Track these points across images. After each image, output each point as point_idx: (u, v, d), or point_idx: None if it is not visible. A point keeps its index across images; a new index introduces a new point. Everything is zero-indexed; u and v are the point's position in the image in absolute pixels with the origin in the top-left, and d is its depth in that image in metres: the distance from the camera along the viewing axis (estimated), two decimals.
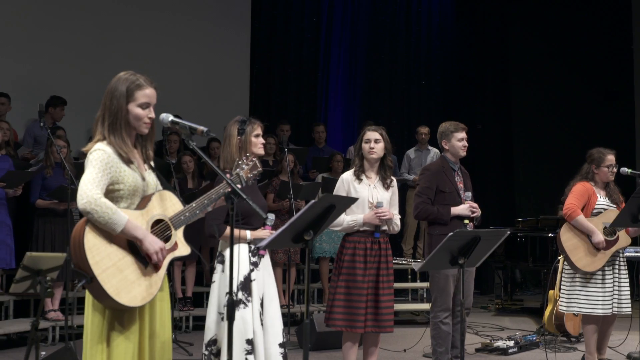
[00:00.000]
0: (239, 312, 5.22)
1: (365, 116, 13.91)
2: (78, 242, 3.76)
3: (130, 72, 4.12)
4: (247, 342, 5.22)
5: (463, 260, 5.37)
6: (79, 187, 3.83)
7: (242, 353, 5.21)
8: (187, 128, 4.05)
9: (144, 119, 4.04)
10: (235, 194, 3.93)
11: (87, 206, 3.76)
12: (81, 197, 3.79)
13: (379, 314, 6.28)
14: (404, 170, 11.93)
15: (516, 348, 8.68)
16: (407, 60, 15.35)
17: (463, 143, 7.12)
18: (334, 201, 4.33)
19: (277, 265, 10.47)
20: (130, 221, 3.85)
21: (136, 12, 12.40)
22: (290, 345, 8.91)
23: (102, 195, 3.81)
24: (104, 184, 3.87)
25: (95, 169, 3.87)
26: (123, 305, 3.79)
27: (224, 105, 12.66)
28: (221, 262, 5.42)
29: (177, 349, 8.61)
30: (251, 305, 5.29)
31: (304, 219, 4.29)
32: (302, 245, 4.45)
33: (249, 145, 5.53)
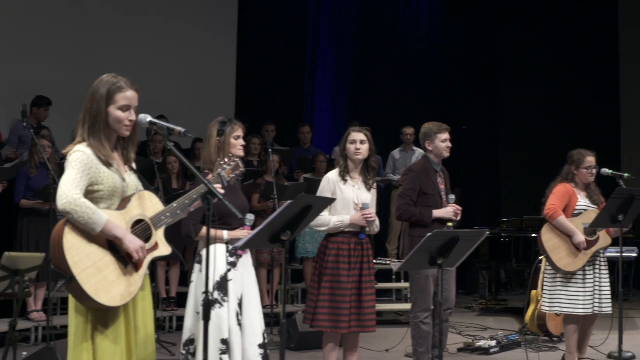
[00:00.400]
0: (214, 311, 5.23)
1: (352, 117, 13.92)
2: (57, 242, 3.78)
3: (112, 75, 4.14)
4: (221, 341, 5.24)
5: (442, 261, 5.40)
6: (58, 188, 3.85)
7: (217, 353, 5.23)
8: (164, 129, 4.07)
9: (124, 121, 4.06)
10: (211, 194, 3.95)
11: (66, 206, 3.79)
12: (60, 197, 3.81)
13: (361, 313, 6.32)
14: (389, 170, 11.96)
15: (498, 348, 8.72)
16: (394, 61, 15.38)
17: (446, 144, 7.14)
18: (310, 201, 4.35)
19: (262, 265, 10.49)
20: (109, 221, 3.87)
21: (122, 14, 12.39)
22: (273, 345, 8.94)
23: (82, 196, 3.84)
24: (84, 184, 3.89)
25: (75, 169, 3.90)
26: (102, 305, 3.81)
27: (210, 105, 12.64)
28: (199, 262, 5.43)
29: (159, 349, 8.60)
30: (227, 305, 5.30)
31: (280, 219, 4.31)
32: (279, 245, 4.47)
33: (227, 147, 5.55)
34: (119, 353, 3.93)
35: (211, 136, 5.61)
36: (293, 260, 11.36)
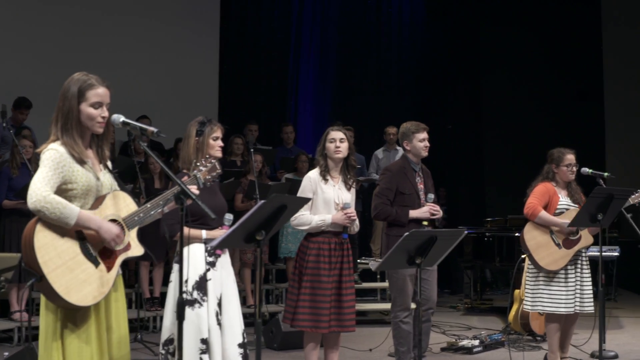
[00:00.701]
0: (194, 311, 5.22)
1: (336, 117, 13.91)
2: (28, 241, 3.77)
3: (83, 73, 4.13)
4: (201, 341, 5.22)
5: (420, 260, 5.39)
6: (29, 187, 3.83)
7: (197, 352, 5.21)
8: (137, 129, 4.05)
9: (97, 118, 4.04)
10: (185, 194, 3.94)
11: (37, 204, 3.78)
12: (30, 196, 3.81)
13: (341, 313, 6.33)
14: (372, 170, 11.95)
15: (481, 347, 8.72)
16: (378, 61, 15.41)
17: (424, 143, 7.13)
18: (285, 201, 4.33)
19: (246, 265, 10.50)
20: (82, 212, 3.87)
21: (103, 14, 12.36)
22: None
23: (52, 193, 3.82)
24: (55, 182, 3.88)
25: (47, 168, 3.89)
26: (73, 305, 3.80)
27: (193, 105, 12.61)
28: (178, 261, 5.40)
29: (142, 349, 8.60)
30: (206, 304, 5.28)
31: (254, 219, 4.30)
32: (254, 245, 4.45)
33: (206, 147, 5.52)
34: (88, 353, 3.90)
35: (190, 136, 5.58)
36: (277, 260, 11.36)
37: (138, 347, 8.69)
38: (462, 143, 15.40)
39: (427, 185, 7.21)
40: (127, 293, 10.36)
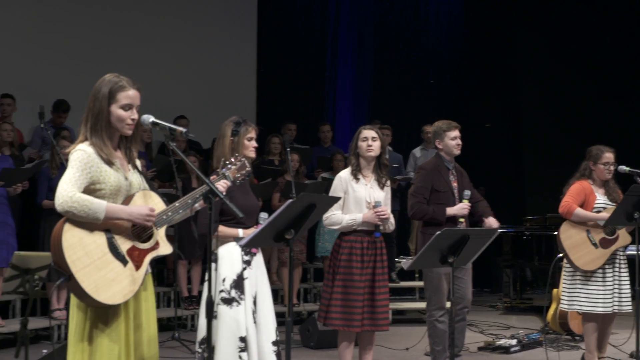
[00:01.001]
0: (232, 309, 5.25)
1: (374, 115, 13.92)
2: (57, 241, 3.82)
3: (114, 74, 4.15)
4: (240, 339, 5.24)
5: (453, 259, 5.38)
6: (57, 188, 3.87)
7: (236, 350, 5.24)
8: (167, 129, 4.08)
9: (127, 120, 4.07)
10: (213, 193, 3.96)
11: (64, 205, 3.82)
12: (58, 198, 3.85)
13: (375, 312, 6.34)
14: (410, 169, 11.89)
15: (519, 347, 8.66)
16: (415, 59, 15.35)
17: (456, 142, 7.10)
18: (314, 200, 4.34)
19: (284, 264, 10.54)
20: (110, 205, 3.90)
21: (141, 16, 12.46)
22: (293, 343, 8.97)
23: (78, 192, 3.85)
24: (82, 183, 3.91)
25: (74, 169, 3.93)
26: (102, 303, 3.83)
27: (232, 106, 12.65)
28: (214, 260, 5.44)
29: (180, 347, 8.68)
30: (244, 303, 5.31)
31: (283, 218, 4.31)
32: (284, 244, 4.47)
33: (241, 148, 5.56)
34: (116, 352, 3.93)
35: (225, 136, 5.61)
36: (315, 259, 11.38)
37: (175, 345, 8.77)
38: (501, 141, 15.29)
39: (461, 184, 7.18)
40: (166, 292, 10.51)
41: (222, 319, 5.24)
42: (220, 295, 5.26)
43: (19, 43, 11.07)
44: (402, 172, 11.64)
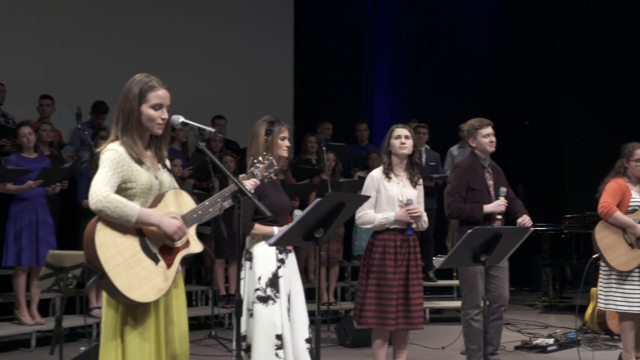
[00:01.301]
0: (268, 307, 5.28)
1: (411, 114, 13.89)
2: (90, 240, 3.86)
3: (144, 74, 4.18)
4: (276, 337, 5.28)
5: (485, 258, 5.37)
6: (90, 188, 3.91)
7: (273, 348, 5.27)
8: (196, 129, 4.13)
9: (157, 120, 4.10)
10: (241, 192, 4.00)
11: (98, 205, 3.86)
12: (91, 197, 3.88)
13: (409, 311, 6.35)
14: (448, 167, 11.83)
15: (556, 346, 8.60)
16: (453, 57, 15.29)
17: (489, 139, 7.06)
18: (342, 199, 4.35)
19: (322, 263, 10.55)
20: (142, 210, 3.93)
21: (180, 17, 12.56)
22: (329, 342, 9.02)
23: (112, 192, 3.90)
24: (115, 182, 3.95)
25: (106, 168, 3.96)
26: (134, 301, 3.87)
27: (268, 105, 12.70)
28: (249, 259, 5.48)
29: (217, 345, 8.75)
30: (279, 301, 5.35)
31: (312, 216, 4.33)
32: (313, 243, 4.49)
33: (274, 147, 5.59)
34: (147, 349, 3.97)
35: (259, 135, 5.63)
36: (352, 258, 11.40)
37: (212, 343, 8.84)
38: (540, 139, 15.17)
39: (497, 182, 7.14)
40: (203, 290, 10.58)
41: (258, 317, 5.27)
42: (256, 293, 5.30)
43: (58, 45, 11.23)
44: (440, 171, 11.61)
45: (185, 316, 4.23)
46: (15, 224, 8.51)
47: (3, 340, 8.71)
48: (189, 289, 10.54)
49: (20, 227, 8.47)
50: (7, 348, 8.59)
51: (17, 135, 8.64)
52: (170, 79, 4.28)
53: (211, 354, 8.39)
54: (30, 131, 8.68)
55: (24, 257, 8.40)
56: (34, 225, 8.51)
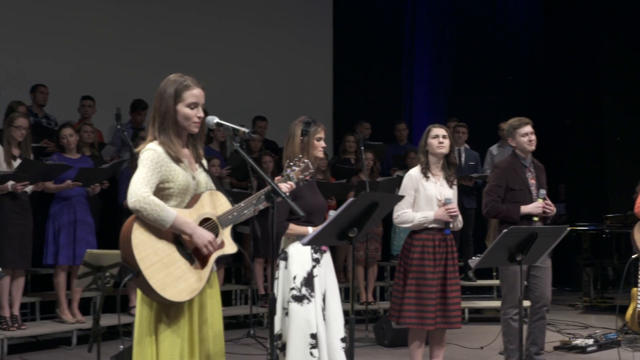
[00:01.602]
0: (302, 307, 5.31)
1: (451, 113, 13.85)
2: (126, 238, 3.90)
3: (179, 74, 4.23)
4: (311, 336, 5.30)
5: (521, 257, 5.36)
6: (129, 187, 3.96)
7: (307, 347, 5.30)
8: (230, 129, 4.16)
9: (193, 118, 4.14)
10: (276, 193, 4.04)
11: (136, 204, 3.90)
12: (130, 196, 3.93)
13: (447, 310, 6.35)
14: (487, 166, 11.80)
15: (595, 347, 8.53)
16: (494, 56, 15.21)
17: (528, 138, 7.01)
18: (376, 199, 4.36)
19: (359, 263, 10.59)
20: (178, 217, 3.96)
21: (219, 19, 12.64)
22: (367, 341, 9.03)
23: (151, 193, 3.94)
24: (154, 182, 4.00)
25: (146, 168, 4.01)
26: (168, 300, 3.91)
27: (307, 105, 12.76)
28: (284, 259, 5.51)
29: (255, 344, 8.79)
30: (314, 300, 5.37)
31: (345, 216, 4.34)
32: (347, 242, 4.51)
33: (310, 148, 5.61)
34: (179, 347, 4.01)
35: (295, 136, 5.65)
36: (391, 258, 11.40)
37: (250, 342, 8.88)
38: (581, 138, 15.03)
39: (539, 181, 7.09)
40: (243, 289, 10.64)
41: (293, 316, 5.31)
42: (291, 293, 5.34)
43: (98, 47, 11.36)
44: (479, 170, 11.58)
45: (220, 316, 4.26)
46: (54, 223, 8.64)
47: (45, 338, 8.86)
48: (228, 288, 10.63)
49: (59, 226, 8.59)
50: (48, 346, 8.72)
51: (59, 136, 8.76)
52: (210, 80, 4.33)
53: (249, 353, 8.45)
54: (72, 132, 8.78)
55: (61, 256, 8.51)
56: (72, 225, 8.62)
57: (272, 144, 11.73)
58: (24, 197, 8.22)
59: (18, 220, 8.17)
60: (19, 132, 8.14)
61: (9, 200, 8.09)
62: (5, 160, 8.10)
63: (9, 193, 8.04)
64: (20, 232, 8.17)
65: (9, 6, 10.76)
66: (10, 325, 8.15)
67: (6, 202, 8.09)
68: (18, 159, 8.14)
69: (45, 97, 10.27)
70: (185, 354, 4.03)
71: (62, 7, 11.22)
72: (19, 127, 8.15)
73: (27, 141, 8.29)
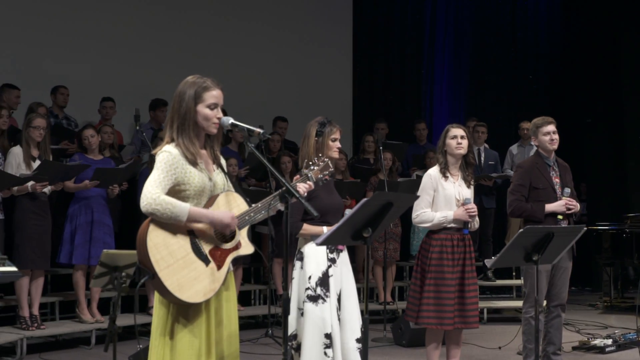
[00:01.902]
0: (317, 307, 5.32)
1: (471, 113, 13.84)
2: (142, 241, 3.93)
3: (197, 76, 4.24)
4: (325, 336, 5.32)
5: (537, 257, 5.34)
6: (142, 190, 3.98)
7: (321, 347, 5.31)
8: (245, 130, 4.17)
9: (213, 119, 4.16)
10: (290, 193, 4.05)
11: (148, 207, 3.93)
12: (142, 200, 3.96)
13: (465, 310, 6.33)
14: (507, 166, 11.80)
15: (614, 347, 8.48)
16: (513, 55, 15.16)
17: (550, 137, 7.00)
18: (390, 199, 4.36)
19: (377, 263, 10.61)
20: (192, 209, 3.98)
21: (238, 20, 12.65)
22: (386, 341, 9.03)
23: (162, 194, 3.96)
24: (166, 184, 4.01)
25: (159, 170, 4.03)
26: (184, 302, 3.93)
27: (328, 105, 12.81)
28: (300, 259, 5.53)
29: (273, 344, 8.81)
30: (329, 300, 5.38)
31: (359, 216, 4.34)
32: (361, 242, 4.51)
33: (325, 148, 5.61)
34: (197, 346, 4.03)
35: (310, 136, 5.67)
36: (410, 258, 11.38)
37: (268, 342, 8.91)
38: (602, 137, 14.94)
39: (563, 180, 7.07)
40: (261, 289, 10.66)
41: (308, 316, 5.33)
42: (306, 292, 5.35)
43: (117, 48, 11.42)
44: (498, 170, 11.56)
45: (236, 317, 4.28)
46: (71, 222, 8.69)
47: (64, 337, 8.91)
48: (247, 288, 10.65)
49: (76, 226, 8.64)
50: (68, 345, 8.78)
51: (81, 137, 8.81)
52: (230, 81, 4.36)
53: (267, 353, 8.46)
54: (94, 133, 8.83)
55: (76, 255, 8.57)
56: (89, 225, 8.67)
57: (292, 144, 11.74)
58: (43, 198, 8.27)
59: (37, 221, 8.22)
60: (37, 132, 8.18)
61: (29, 200, 8.15)
62: (24, 160, 8.15)
63: (28, 193, 8.10)
64: (39, 233, 8.23)
65: (29, 8, 10.83)
66: (29, 325, 8.21)
67: (25, 203, 8.15)
68: (37, 159, 8.19)
69: (66, 98, 10.34)
70: (202, 354, 4.05)
71: (80, 9, 11.27)
72: (37, 127, 8.19)
73: (45, 142, 8.32)
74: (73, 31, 11.12)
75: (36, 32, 10.79)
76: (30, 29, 10.75)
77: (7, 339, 7.92)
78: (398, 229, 10.78)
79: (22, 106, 9.71)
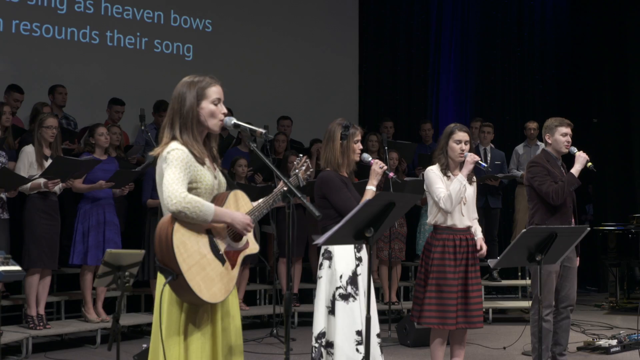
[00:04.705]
0: (348, 305, 5.52)
1: (477, 112, 13.83)
2: (165, 240, 3.86)
3: (194, 75, 4.21)
4: (357, 333, 5.49)
5: (540, 257, 5.35)
6: (164, 190, 3.91)
7: (353, 344, 5.50)
8: (247, 130, 4.17)
9: (219, 115, 4.13)
10: (291, 193, 4.07)
11: (177, 206, 3.85)
12: (170, 198, 3.87)
13: (468, 309, 6.35)
14: (513, 166, 11.79)
15: (619, 347, 8.47)
16: (520, 55, 15.13)
17: (567, 138, 7.01)
18: (392, 199, 4.37)
19: (383, 263, 10.61)
20: (217, 208, 3.97)
21: (244, 20, 12.65)
22: (390, 341, 9.04)
23: (187, 192, 3.92)
24: (185, 182, 3.97)
25: (177, 168, 3.96)
26: (204, 301, 3.91)
27: (333, 105, 12.83)
28: (328, 258, 5.66)
29: (277, 343, 8.82)
30: (359, 298, 5.55)
31: (361, 216, 4.35)
32: (364, 242, 4.53)
33: (350, 151, 5.74)
34: (209, 347, 4.06)
35: (335, 139, 5.83)
36: (416, 258, 11.38)
37: (273, 342, 8.91)
38: (609, 137, 14.89)
39: None
40: (267, 289, 10.67)
41: (340, 314, 5.51)
42: (338, 291, 5.54)
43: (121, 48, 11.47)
44: (504, 170, 11.55)
45: (239, 313, 4.28)
46: (83, 223, 8.70)
47: (70, 336, 8.93)
48: (253, 288, 10.67)
49: (88, 227, 8.66)
50: (73, 344, 8.80)
51: (94, 134, 8.80)
52: (235, 79, 4.36)
53: (272, 352, 8.48)
54: (105, 131, 8.86)
55: (90, 256, 8.58)
56: (101, 226, 8.70)
57: (298, 144, 11.75)
58: (53, 198, 8.31)
59: (47, 221, 8.25)
60: (50, 132, 8.24)
61: (39, 200, 8.18)
62: (37, 160, 8.19)
63: (39, 193, 8.13)
64: (49, 233, 8.26)
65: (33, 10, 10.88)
66: (36, 324, 8.23)
67: (36, 202, 8.18)
68: (49, 158, 8.23)
69: (64, 97, 10.30)
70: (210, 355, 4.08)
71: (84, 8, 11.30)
72: (50, 127, 8.24)
73: (57, 141, 8.38)
74: (73, 32, 11.15)
75: (40, 32, 10.83)
76: (33, 29, 10.79)
77: (12, 338, 7.93)
78: (404, 229, 10.78)
79: (23, 106, 9.80)
